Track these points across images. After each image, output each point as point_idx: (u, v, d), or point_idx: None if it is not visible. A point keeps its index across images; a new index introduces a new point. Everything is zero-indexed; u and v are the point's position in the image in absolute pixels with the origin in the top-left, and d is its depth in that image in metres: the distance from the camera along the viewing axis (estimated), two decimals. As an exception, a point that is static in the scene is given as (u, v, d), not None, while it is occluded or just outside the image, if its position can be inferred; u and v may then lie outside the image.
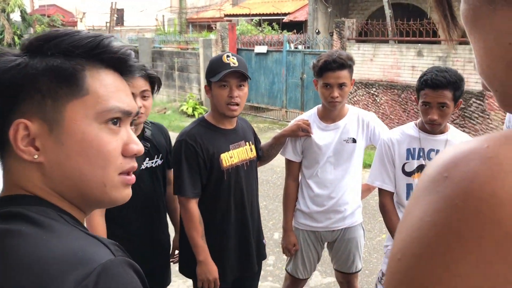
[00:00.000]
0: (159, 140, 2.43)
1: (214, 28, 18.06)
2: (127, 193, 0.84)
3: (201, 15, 22.99)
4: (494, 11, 0.45)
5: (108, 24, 20.19)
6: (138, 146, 0.83)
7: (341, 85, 2.50)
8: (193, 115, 12.23)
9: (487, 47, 0.47)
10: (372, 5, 14.23)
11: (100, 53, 0.80)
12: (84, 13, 22.92)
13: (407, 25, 8.85)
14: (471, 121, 7.92)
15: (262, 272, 2.73)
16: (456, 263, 0.35)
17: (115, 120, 0.80)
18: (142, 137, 2.33)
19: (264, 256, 2.63)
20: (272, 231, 4.96)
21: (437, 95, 2.20)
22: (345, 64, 2.49)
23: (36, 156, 0.76)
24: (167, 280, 2.56)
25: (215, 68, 2.28)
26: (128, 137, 0.83)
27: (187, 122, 11.33)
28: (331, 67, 2.48)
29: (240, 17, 16.56)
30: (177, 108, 12.34)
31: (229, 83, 2.26)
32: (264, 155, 2.68)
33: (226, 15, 18.27)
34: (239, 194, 2.39)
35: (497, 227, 0.34)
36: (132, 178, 0.84)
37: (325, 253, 2.99)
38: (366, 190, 2.83)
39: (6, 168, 0.80)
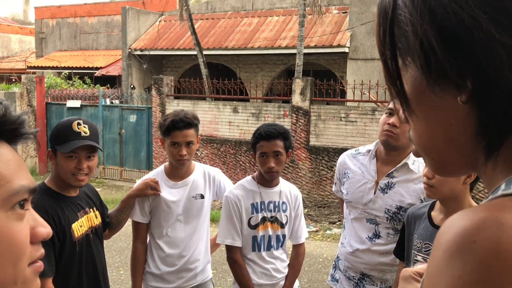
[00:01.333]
0: None
1: (14, 80, 16.52)
2: (38, 284, 0.70)
3: (-1, 66, 20.87)
4: (439, 98, 0.55)
5: None
6: (46, 229, 0.71)
7: (188, 143, 2.56)
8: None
9: (429, 125, 0.58)
10: (185, 64, 14.92)
11: None
12: None
13: (222, 83, 9.50)
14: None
15: None
16: None
17: (21, 202, 0.67)
18: None
19: None
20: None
21: (271, 145, 2.46)
22: (192, 123, 2.57)
23: None
24: None
25: (64, 136, 2.10)
26: (33, 219, 0.70)
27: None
28: (179, 126, 2.53)
29: (47, 69, 15.52)
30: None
31: (78, 154, 2.11)
32: (113, 221, 2.52)
33: (30, 67, 16.92)
34: (91, 264, 2.22)
35: None
36: (41, 264, 0.71)
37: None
38: (214, 245, 2.88)
39: None
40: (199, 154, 9.51)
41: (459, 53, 0.51)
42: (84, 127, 2.13)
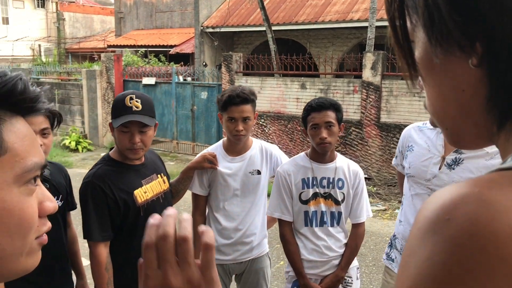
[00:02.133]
0: (59, 181, 2.26)
1: (96, 58, 17.46)
2: (39, 255, 0.71)
3: (82, 45, 22.11)
4: (449, 62, 0.50)
5: (-26, 53, 18.44)
6: (53, 203, 0.71)
7: (245, 119, 2.57)
8: (77, 149, 11.58)
9: (441, 92, 0.54)
10: (256, 40, 14.91)
11: (18, 101, 0.65)
12: None
13: (290, 59, 9.40)
14: (352, 148, 8.57)
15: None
16: None
17: (33, 179, 0.67)
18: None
19: None
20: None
21: (323, 116, 2.42)
22: (248, 98, 2.57)
23: None
24: None
25: (117, 111, 2.18)
26: (42, 193, 0.70)
27: (70, 157, 10.67)
28: (235, 101, 2.54)
29: (125, 48, 16.21)
30: (58, 143, 11.57)
31: (130, 128, 2.17)
32: (172, 190, 2.62)
33: (109, 46, 17.76)
34: None
35: (504, 263, 0.38)
36: (46, 238, 0.71)
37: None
38: (272, 220, 2.90)
39: None
40: (266, 131, 9.56)
41: (465, 9, 0.46)
42: (137, 101, 2.17)
